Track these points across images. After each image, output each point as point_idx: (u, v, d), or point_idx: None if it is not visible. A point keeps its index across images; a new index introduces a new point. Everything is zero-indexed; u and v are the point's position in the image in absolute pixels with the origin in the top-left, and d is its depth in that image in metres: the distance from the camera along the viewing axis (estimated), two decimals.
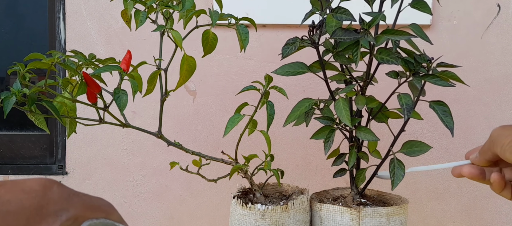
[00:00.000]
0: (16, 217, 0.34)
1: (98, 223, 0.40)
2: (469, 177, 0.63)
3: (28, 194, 0.36)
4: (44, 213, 0.36)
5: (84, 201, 0.39)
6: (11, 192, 0.35)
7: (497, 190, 0.61)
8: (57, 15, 1.54)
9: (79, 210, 0.38)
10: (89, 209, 0.39)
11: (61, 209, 0.37)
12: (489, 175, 0.62)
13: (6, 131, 1.62)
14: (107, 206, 0.41)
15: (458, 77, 0.99)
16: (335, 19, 0.97)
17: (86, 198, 0.40)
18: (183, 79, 0.99)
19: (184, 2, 0.94)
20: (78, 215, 0.38)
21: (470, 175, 0.62)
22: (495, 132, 0.60)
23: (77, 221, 0.38)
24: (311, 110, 1.03)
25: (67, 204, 0.38)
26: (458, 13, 1.46)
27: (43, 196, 0.36)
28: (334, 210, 1.03)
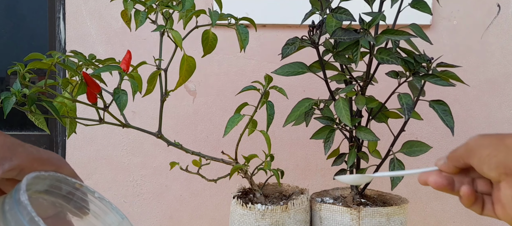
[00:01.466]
0: None
1: (47, 176, 0.38)
2: (435, 187, 0.55)
3: None
4: None
5: (31, 152, 0.38)
6: None
7: (467, 204, 0.55)
8: (57, 15, 1.54)
9: (24, 160, 0.37)
10: (37, 161, 0.38)
11: (3, 157, 0.36)
12: (459, 184, 0.55)
13: (6, 130, 1.62)
14: (57, 160, 0.40)
15: (458, 77, 0.99)
16: (335, 19, 0.97)
17: (34, 150, 0.38)
18: (183, 79, 0.99)
19: (184, 2, 0.94)
20: (23, 166, 0.37)
21: (436, 184, 0.55)
22: (473, 141, 0.52)
23: (23, 172, 0.37)
24: (311, 110, 1.03)
25: (10, 153, 0.36)
26: (458, 13, 1.46)
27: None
28: (334, 210, 1.03)
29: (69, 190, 0.40)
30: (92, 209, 0.41)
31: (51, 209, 0.40)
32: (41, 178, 0.37)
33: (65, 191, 0.40)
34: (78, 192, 0.41)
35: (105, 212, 0.41)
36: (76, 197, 0.41)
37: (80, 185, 0.41)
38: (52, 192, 0.40)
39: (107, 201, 0.41)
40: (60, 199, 0.40)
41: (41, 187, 0.38)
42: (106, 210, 0.41)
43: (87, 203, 0.41)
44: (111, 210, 0.41)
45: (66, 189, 0.40)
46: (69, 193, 0.40)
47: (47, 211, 0.40)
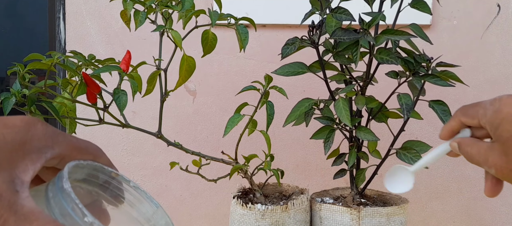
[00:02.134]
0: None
1: (85, 165, 0.38)
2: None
3: (10, 129, 0.34)
4: (28, 149, 0.34)
5: (71, 141, 0.38)
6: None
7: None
8: (57, 15, 1.54)
9: (65, 149, 0.37)
10: (76, 150, 0.38)
11: (45, 146, 0.35)
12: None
13: None
14: (95, 149, 0.40)
15: (457, 77, 0.99)
16: (335, 19, 0.97)
17: (73, 138, 0.38)
18: (183, 79, 0.99)
19: (184, 2, 0.94)
20: (64, 154, 0.37)
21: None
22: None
23: (64, 160, 0.37)
24: (311, 110, 1.03)
25: (51, 141, 0.36)
26: (458, 13, 1.46)
27: (26, 132, 0.35)
28: (334, 210, 1.03)
29: (105, 179, 0.41)
30: (127, 198, 0.41)
31: (88, 198, 0.40)
32: (80, 167, 0.38)
33: (102, 180, 0.41)
34: (114, 181, 0.41)
35: (140, 201, 0.41)
36: (112, 186, 0.41)
37: (116, 174, 0.41)
38: (90, 181, 0.40)
39: (142, 190, 0.41)
40: (97, 187, 0.41)
41: (80, 175, 0.39)
42: (141, 199, 0.41)
43: (122, 192, 0.41)
44: (146, 199, 0.41)
45: (102, 178, 0.41)
46: (106, 182, 0.41)
47: (84, 199, 0.40)
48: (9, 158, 0.33)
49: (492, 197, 0.57)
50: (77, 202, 0.33)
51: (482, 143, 0.54)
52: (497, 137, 0.50)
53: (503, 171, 0.51)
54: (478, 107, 0.53)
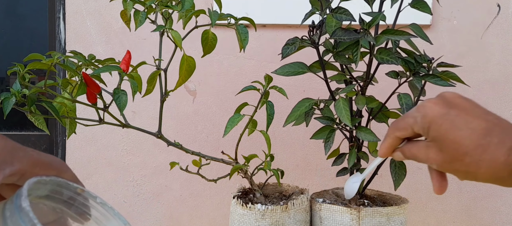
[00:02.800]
0: None
1: (48, 181, 0.37)
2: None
3: None
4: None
5: (32, 156, 0.36)
6: None
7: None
8: (57, 15, 1.54)
9: (25, 165, 0.36)
10: (38, 165, 0.37)
11: (3, 162, 0.34)
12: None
13: (6, 131, 1.62)
14: (59, 164, 0.38)
15: (458, 77, 0.99)
16: (335, 19, 0.97)
17: (35, 153, 0.37)
18: (183, 79, 0.99)
19: (184, 2, 0.94)
20: (24, 170, 0.36)
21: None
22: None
23: (24, 177, 0.36)
24: (311, 110, 1.03)
25: (10, 157, 0.35)
26: (458, 13, 1.46)
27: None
28: (334, 210, 1.03)
29: (70, 195, 0.39)
30: (94, 215, 0.40)
31: (51, 215, 0.39)
32: (42, 183, 0.36)
33: (66, 196, 0.39)
34: (80, 197, 0.40)
35: (107, 218, 0.40)
36: (77, 202, 0.40)
37: (81, 190, 0.40)
38: (53, 197, 0.39)
39: (110, 207, 0.40)
40: (61, 204, 0.39)
41: (42, 192, 0.37)
42: (108, 216, 0.40)
43: (88, 209, 0.40)
44: (113, 216, 0.40)
45: (67, 194, 0.39)
46: (70, 198, 0.39)
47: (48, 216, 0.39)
48: None
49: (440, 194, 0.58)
50: (36, 221, 0.31)
51: (420, 143, 0.57)
52: (431, 138, 0.54)
53: (443, 165, 0.54)
54: (407, 118, 0.56)
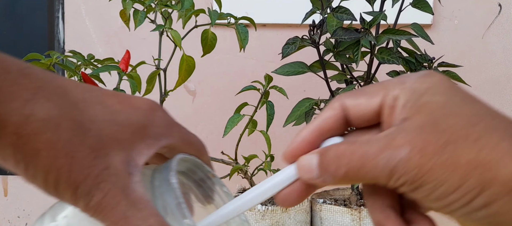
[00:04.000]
0: (122, 129, 0.32)
1: (189, 159, 0.38)
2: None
3: (136, 110, 0.33)
4: (146, 133, 0.33)
5: (183, 133, 0.37)
6: (122, 104, 0.33)
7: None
8: (56, 15, 1.53)
9: (177, 140, 0.36)
10: (186, 143, 0.37)
11: (161, 134, 0.35)
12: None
13: None
14: (201, 146, 0.39)
15: (459, 77, 0.98)
16: (336, 19, 0.97)
17: (184, 131, 0.37)
18: (182, 79, 0.99)
19: (183, 1, 0.93)
20: (175, 146, 0.36)
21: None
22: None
23: (173, 151, 0.36)
24: (311, 110, 1.03)
25: (167, 131, 0.35)
26: (459, 12, 1.45)
27: (148, 116, 0.34)
28: (335, 210, 1.03)
29: (202, 177, 0.40)
30: (217, 200, 0.40)
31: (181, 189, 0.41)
32: (183, 160, 0.37)
33: (198, 177, 0.40)
34: (209, 181, 0.40)
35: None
36: (205, 185, 0.40)
37: (212, 175, 0.40)
38: (187, 175, 0.40)
39: (233, 197, 0.40)
40: (191, 182, 0.40)
41: (181, 167, 0.38)
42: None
43: (213, 194, 0.40)
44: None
45: (199, 176, 0.40)
46: (201, 180, 0.40)
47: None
48: (130, 138, 0.32)
49: None
50: (182, 201, 0.32)
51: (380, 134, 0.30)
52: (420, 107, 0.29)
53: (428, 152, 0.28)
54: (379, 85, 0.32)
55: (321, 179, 0.31)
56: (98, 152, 0.30)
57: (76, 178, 0.29)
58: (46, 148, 0.29)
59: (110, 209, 0.29)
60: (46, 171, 0.29)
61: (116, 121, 0.32)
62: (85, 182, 0.29)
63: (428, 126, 0.28)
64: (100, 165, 0.30)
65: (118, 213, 0.30)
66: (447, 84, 0.30)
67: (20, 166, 0.30)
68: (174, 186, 0.32)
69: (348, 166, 0.30)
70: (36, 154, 0.29)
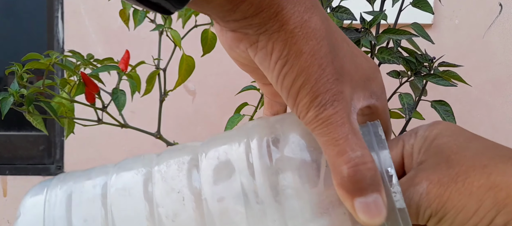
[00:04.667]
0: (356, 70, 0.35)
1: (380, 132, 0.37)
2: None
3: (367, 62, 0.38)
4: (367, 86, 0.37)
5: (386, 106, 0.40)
6: (358, 51, 0.37)
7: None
8: (56, 15, 1.53)
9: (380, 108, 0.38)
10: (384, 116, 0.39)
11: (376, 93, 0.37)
12: None
13: (4, 131, 1.61)
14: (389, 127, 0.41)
15: (460, 77, 0.98)
16: (336, 18, 0.97)
17: (387, 106, 0.40)
18: (182, 79, 0.98)
19: None
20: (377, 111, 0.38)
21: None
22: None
23: (372, 116, 0.38)
24: None
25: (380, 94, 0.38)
26: (460, 12, 1.45)
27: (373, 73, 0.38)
28: None
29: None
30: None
31: None
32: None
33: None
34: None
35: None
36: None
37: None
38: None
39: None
40: None
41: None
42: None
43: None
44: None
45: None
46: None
47: None
48: (357, 81, 0.35)
49: None
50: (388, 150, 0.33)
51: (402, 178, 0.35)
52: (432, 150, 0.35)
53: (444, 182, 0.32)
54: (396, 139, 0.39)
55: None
56: (339, 76, 0.33)
57: (319, 88, 0.32)
58: (308, 53, 0.33)
59: (336, 126, 0.32)
60: (299, 72, 0.33)
61: (354, 61, 0.35)
62: (325, 94, 0.32)
63: (441, 163, 0.33)
64: (338, 87, 0.33)
65: (342, 132, 0.32)
66: (452, 128, 0.36)
67: (281, 60, 0.33)
68: (383, 137, 0.34)
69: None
70: (299, 55, 0.32)
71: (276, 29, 0.32)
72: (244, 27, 0.34)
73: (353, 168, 0.31)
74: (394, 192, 0.32)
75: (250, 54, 0.35)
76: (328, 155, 0.32)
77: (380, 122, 0.36)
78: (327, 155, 0.32)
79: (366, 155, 0.32)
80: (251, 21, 0.33)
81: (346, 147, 0.32)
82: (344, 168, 0.31)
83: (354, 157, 0.31)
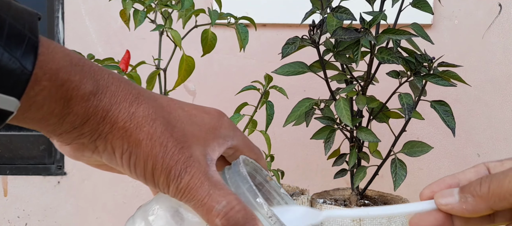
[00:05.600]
0: (199, 128, 0.39)
1: (249, 163, 0.42)
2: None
3: (208, 115, 0.41)
4: (217, 134, 0.40)
5: (244, 138, 0.43)
6: (196, 109, 0.41)
7: None
8: (56, 15, 1.53)
9: (240, 143, 0.42)
10: (247, 147, 0.43)
11: (229, 135, 0.41)
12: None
13: (4, 131, 1.61)
14: (259, 151, 0.44)
15: (459, 77, 0.98)
16: (336, 19, 0.97)
17: (245, 137, 0.43)
18: (182, 79, 0.99)
19: (183, 1, 0.93)
20: (238, 147, 0.42)
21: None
22: None
23: (236, 153, 0.42)
24: (311, 110, 1.03)
25: (233, 133, 0.41)
26: (460, 12, 1.45)
27: (218, 120, 0.41)
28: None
29: (261, 181, 0.44)
30: (275, 203, 0.44)
31: None
32: (245, 163, 0.41)
33: (258, 181, 0.44)
34: (267, 185, 0.44)
35: (287, 210, 0.44)
36: (264, 189, 0.44)
37: (270, 178, 0.44)
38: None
39: (291, 200, 0.44)
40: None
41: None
42: (288, 209, 0.44)
43: (272, 197, 0.44)
44: (291, 210, 0.44)
45: (258, 180, 0.44)
46: (260, 184, 0.44)
47: None
48: (205, 136, 0.39)
49: None
50: (252, 184, 0.37)
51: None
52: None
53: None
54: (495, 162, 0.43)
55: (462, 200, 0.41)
56: (183, 143, 0.37)
57: (168, 163, 0.36)
58: (146, 138, 0.36)
59: (196, 189, 0.36)
60: (145, 158, 0.36)
61: (194, 122, 0.39)
62: (176, 166, 0.36)
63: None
64: (186, 153, 0.37)
65: (204, 191, 0.36)
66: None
67: (125, 155, 0.36)
68: (243, 174, 0.38)
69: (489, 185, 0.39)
70: (138, 144, 0.36)
71: (109, 131, 0.36)
72: (77, 137, 0.36)
73: (224, 218, 0.36)
74: (269, 217, 0.37)
75: (97, 158, 0.39)
76: (202, 215, 0.37)
77: (243, 156, 0.41)
78: (201, 216, 0.37)
79: (231, 200, 0.36)
80: (81, 130, 0.36)
81: (212, 202, 0.36)
82: (217, 221, 0.36)
83: (221, 208, 0.36)
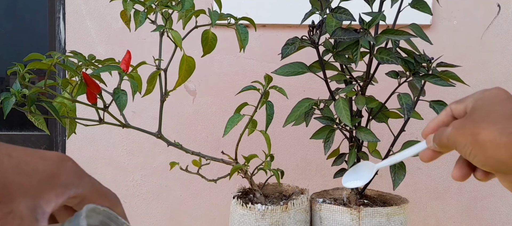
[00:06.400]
0: (29, 178, 0.35)
1: (101, 211, 0.39)
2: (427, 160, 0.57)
3: (45, 161, 0.37)
4: (55, 183, 0.36)
5: (94, 184, 0.39)
6: (30, 156, 0.36)
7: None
8: (57, 15, 1.54)
9: (87, 191, 0.38)
10: (97, 194, 0.39)
11: (71, 183, 0.37)
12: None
13: (6, 131, 1.62)
14: (113, 197, 0.41)
15: (458, 77, 0.99)
16: (335, 19, 0.97)
17: (96, 183, 0.40)
18: (182, 79, 0.99)
19: (183, 2, 0.94)
20: (85, 196, 0.38)
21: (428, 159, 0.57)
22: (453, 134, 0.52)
23: (83, 202, 0.38)
24: (311, 110, 1.03)
25: (78, 181, 0.38)
26: (458, 13, 1.46)
27: (57, 166, 0.37)
28: (334, 210, 1.03)
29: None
30: None
31: None
32: (96, 212, 0.38)
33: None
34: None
35: None
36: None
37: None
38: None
39: None
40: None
41: (94, 221, 0.39)
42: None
43: None
44: None
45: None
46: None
47: None
48: (37, 186, 0.35)
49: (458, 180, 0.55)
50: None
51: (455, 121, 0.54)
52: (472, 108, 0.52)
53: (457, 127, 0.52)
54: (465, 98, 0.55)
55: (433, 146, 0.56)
56: (2, 198, 0.33)
57: None
58: None
59: None
60: None
61: (22, 171, 0.35)
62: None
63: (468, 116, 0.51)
64: (4, 209, 0.33)
65: None
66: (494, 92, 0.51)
67: None
68: (80, 216, 0.34)
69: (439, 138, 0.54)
70: None
71: None
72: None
73: None
74: None
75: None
76: None
77: (91, 205, 0.38)
78: None
79: None
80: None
81: None
82: None
83: None
